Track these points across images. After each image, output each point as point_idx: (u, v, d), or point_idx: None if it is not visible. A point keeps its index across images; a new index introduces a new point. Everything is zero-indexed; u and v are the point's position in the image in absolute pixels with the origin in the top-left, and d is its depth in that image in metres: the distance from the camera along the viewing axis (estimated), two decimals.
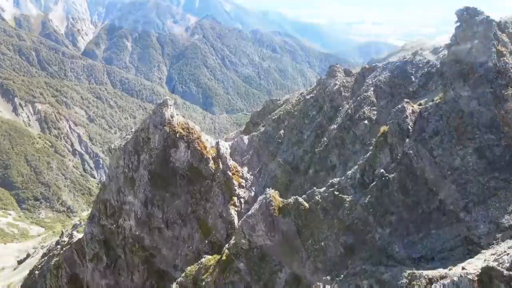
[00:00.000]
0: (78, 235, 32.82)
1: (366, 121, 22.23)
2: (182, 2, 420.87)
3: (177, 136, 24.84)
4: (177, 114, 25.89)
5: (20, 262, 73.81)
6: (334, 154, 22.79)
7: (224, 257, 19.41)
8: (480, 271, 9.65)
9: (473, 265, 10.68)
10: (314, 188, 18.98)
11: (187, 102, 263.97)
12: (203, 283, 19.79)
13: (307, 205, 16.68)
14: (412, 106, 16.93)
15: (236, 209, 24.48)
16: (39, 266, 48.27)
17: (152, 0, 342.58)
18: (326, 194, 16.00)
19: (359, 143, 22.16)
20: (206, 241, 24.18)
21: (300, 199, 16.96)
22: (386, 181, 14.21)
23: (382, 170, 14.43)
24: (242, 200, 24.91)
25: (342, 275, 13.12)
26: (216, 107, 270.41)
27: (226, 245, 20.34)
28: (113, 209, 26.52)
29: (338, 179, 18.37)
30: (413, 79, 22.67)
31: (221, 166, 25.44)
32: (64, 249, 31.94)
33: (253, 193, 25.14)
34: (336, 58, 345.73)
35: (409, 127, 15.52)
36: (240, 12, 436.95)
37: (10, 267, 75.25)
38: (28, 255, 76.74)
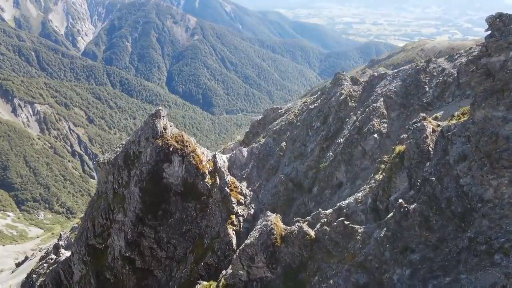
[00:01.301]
0: (65, 253, 30.95)
1: (375, 135, 20.35)
2: (182, 2, 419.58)
3: (171, 149, 22.98)
4: (170, 126, 24.04)
5: (18, 264, 72.50)
6: (341, 170, 20.91)
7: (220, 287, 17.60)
8: None
9: None
10: (320, 209, 17.18)
11: (187, 103, 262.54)
12: None
13: (313, 234, 14.80)
14: (430, 122, 15.12)
15: (234, 228, 22.62)
16: (37, 269, 47.07)
17: (152, 0, 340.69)
18: (335, 224, 14.11)
19: (368, 158, 20.27)
20: (202, 263, 22.34)
21: (305, 228, 15.07)
22: (405, 212, 12.33)
23: (400, 200, 12.54)
24: (241, 218, 23.05)
25: None
26: (216, 108, 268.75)
27: (223, 272, 18.55)
28: (101, 228, 24.71)
29: (347, 201, 16.53)
30: (427, 89, 20.84)
31: (218, 181, 23.60)
32: (50, 268, 30.11)
33: (252, 211, 23.29)
34: (336, 58, 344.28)
35: (430, 148, 13.67)
36: (240, 12, 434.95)
37: (8, 270, 73.98)
38: (26, 258, 75.59)
